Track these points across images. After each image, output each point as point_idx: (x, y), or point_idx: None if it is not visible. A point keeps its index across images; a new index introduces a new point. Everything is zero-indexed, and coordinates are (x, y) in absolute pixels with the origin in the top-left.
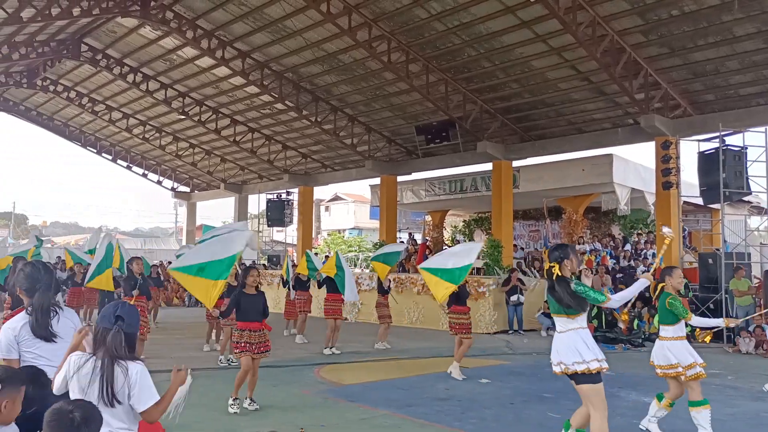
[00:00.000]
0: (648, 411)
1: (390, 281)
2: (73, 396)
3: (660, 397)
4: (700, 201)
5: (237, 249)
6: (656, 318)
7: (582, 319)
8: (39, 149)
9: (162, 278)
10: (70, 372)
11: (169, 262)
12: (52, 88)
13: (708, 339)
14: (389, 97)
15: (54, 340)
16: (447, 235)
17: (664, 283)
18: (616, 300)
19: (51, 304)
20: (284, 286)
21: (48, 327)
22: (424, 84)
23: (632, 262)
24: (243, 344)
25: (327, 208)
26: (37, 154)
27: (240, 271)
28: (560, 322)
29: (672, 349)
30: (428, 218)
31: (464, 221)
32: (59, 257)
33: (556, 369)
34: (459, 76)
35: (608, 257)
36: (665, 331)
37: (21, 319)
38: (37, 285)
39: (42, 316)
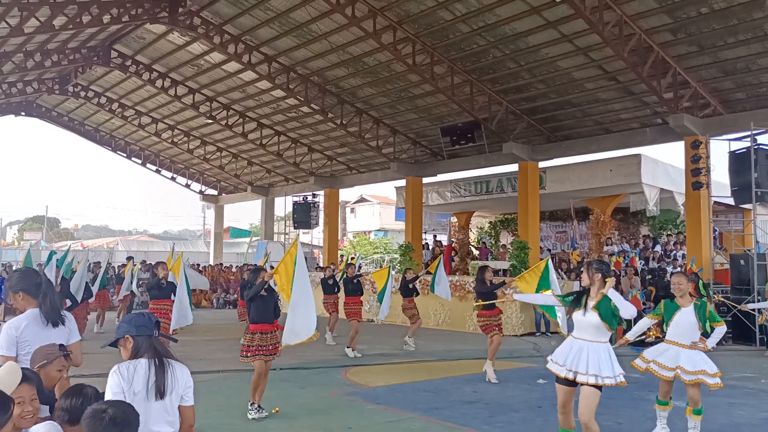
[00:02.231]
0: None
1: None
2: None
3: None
4: (731, 201)
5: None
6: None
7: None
8: (70, 154)
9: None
10: (125, 386)
11: (198, 264)
12: (83, 94)
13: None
14: (414, 99)
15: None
16: (473, 236)
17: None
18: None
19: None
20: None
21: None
22: (449, 86)
23: (662, 264)
24: (255, 348)
25: (353, 210)
26: (69, 159)
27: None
28: None
29: None
30: (454, 220)
31: (490, 222)
32: (97, 261)
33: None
34: (484, 77)
35: (637, 258)
36: None
37: (24, 319)
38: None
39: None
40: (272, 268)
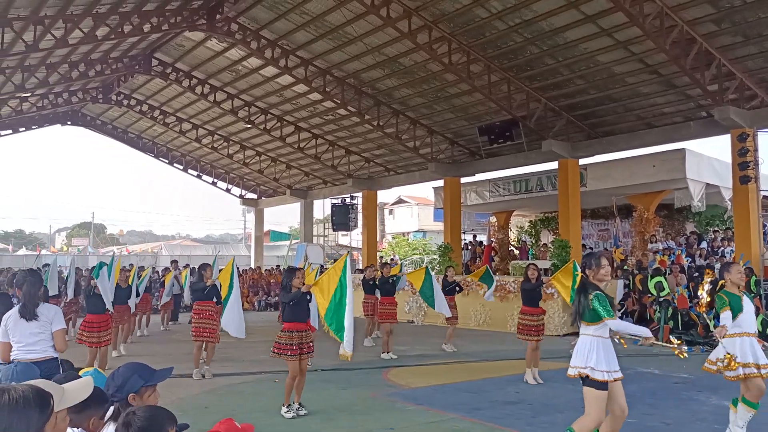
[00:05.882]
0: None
1: (456, 282)
2: None
3: (736, 403)
4: None
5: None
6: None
7: (597, 328)
8: (115, 161)
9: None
10: None
11: (237, 267)
12: (126, 102)
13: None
14: (451, 98)
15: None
16: (513, 236)
17: (723, 281)
18: (617, 323)
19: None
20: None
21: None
22: (486, 84)
23: (709, 261)
24: (294, 346)
25: (391, 212)
26: (114, 166)
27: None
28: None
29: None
30: (493, 219)
31: (530, 221)
32: (141, 266)
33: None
34: (521, 74)
35: (683, 256)
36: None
37: (13, 312)
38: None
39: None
40: (313, 270)
